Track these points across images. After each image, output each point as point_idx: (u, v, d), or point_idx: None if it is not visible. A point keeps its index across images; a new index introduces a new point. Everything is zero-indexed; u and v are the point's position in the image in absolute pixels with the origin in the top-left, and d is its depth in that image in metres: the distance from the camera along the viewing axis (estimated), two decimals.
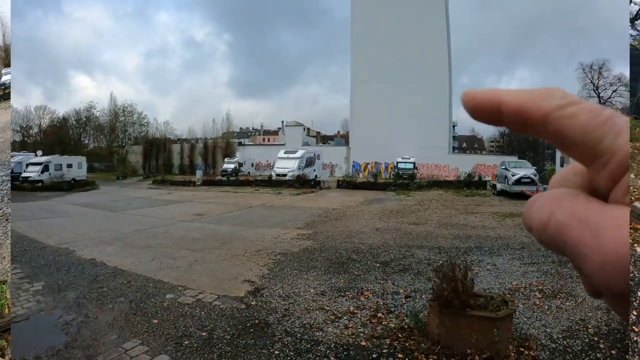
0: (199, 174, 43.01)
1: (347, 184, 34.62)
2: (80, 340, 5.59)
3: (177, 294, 7.52)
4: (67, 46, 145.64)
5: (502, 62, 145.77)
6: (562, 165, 28.66)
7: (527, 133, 0.40)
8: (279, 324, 6.26)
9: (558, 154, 30.27)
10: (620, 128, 0.34)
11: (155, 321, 6.26)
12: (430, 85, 55.56)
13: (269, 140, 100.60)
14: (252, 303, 7.13)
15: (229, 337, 5.78)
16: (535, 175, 27.09)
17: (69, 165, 39.12)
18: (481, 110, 0.39)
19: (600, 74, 65.36)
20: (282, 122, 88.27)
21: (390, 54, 56.45)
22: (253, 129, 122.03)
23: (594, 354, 5.63)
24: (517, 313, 6.67)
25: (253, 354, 5.30)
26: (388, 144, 52.54)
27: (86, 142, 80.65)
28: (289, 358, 5.25)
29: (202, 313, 6.63)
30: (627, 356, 5.63)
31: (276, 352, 5.38)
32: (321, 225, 15.41)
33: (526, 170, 27.63)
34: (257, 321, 6.34)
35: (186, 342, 5.57)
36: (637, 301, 6.58)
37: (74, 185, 35.40)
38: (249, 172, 51.94)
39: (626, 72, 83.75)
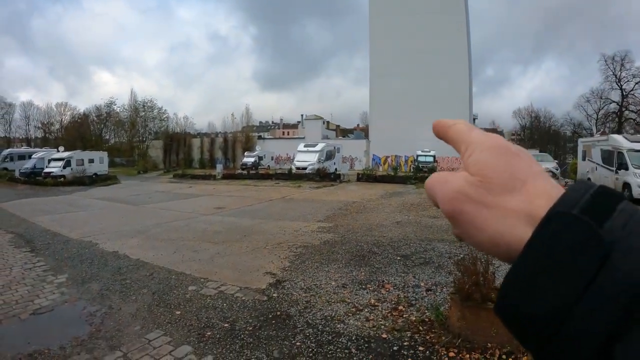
0: (219, 167, 43.18)
1: (367, 177, 34.64)
2: (104, 331, 5.66)
3: (199, 286, 7.58)
4: (88, 42, 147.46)
5: (528, 53, 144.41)
6: (583, 159, 28.30)
7: (446, 141, 0.60)
8: (301, 316, 6.27)
9: (580, 148, 29.92)
10: (472, 132, 0.55)
11: (178, 312, 6.31)
12: (450, 78, 55.25)
13: (288, 134, 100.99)
14: (274, 295, 7.16)
15: (250, 328, 5.80)
16: (557, 169, 26.76)
17: (91, 161, 39.71)
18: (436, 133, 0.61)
19: (622, 65, 64.65)
20: (302, 115, 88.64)
21: (409, 46, 56.21)
22: (273, 122, 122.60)
23: None
24: None
25: (275, 345, 5.32)
26: (408, 137, 52.30)
27: (107, 137, 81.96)
28: (310, 349, 5.25)
29: (224, 305, 6.67)
30: None
31: (297, 343, 5.40)
32: (342, 218, 15.39)
33: (548, 163, 27.30)
34: (278, 313, 6.36)
35: (208, 333, 5.61)
36: None
37: (96, 180, 35.89)
38: (268, 166, 52.22)
39: None
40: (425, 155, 43.42)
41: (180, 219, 15.28)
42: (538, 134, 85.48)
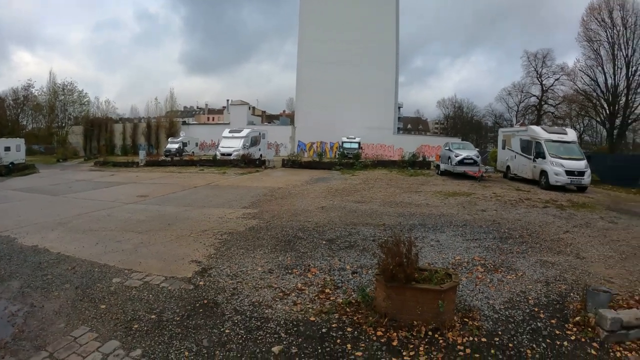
0: (142, 154, 41.85)
1: (293, 163, 34.58)
2: (27, 331, 5.42)
3: (123, 278, 7.38)
4: (7, 18, 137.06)
5: (459, 46, 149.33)
6: (503, 148, 29.76)
7: None
8: (228, 303, 6.28)
9: (500, 138, 31.39)
10: None
11: (103, 306, 6.13)
12: (377, 67, 56.04)
13: (213, 119, 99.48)
14: (200, 283, 7.11)
15: (178, 318, 5.75)
16: (478, 157, 27.90)
17: (7, 148, 37.42)
18: None
19: (544, 62, 69.02)
20: (227, 100, 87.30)
21: (338, 34, 56.30)
22: (198, 107, 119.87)
23: (534, 323, 5.92)
24: (460, 286, 6.91)
25: (204, 334, 5.31)
26: (333, 124, 52.71)
27: (24, 123, 76.94)
28: (239, 336, 5.28)
29: (150, 296, 6.55)
30: (566, 325, 5.94)
31: (227, 331, 5.42)
32: (267, 205, 15.41)
33: (469, 151, 28.38)
34: (206, 301, 6.34)
35: (136, 326, 5.50)
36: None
37: (13, 169, 33.86)
38: (193, 152, 51.19)
39: (570, 62, 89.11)
40: (351, 142, 44.03)
41: (102, 209, 14.74)
42: (461, 123, 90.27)
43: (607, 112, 56.29)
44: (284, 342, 5.18)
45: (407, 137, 67.70)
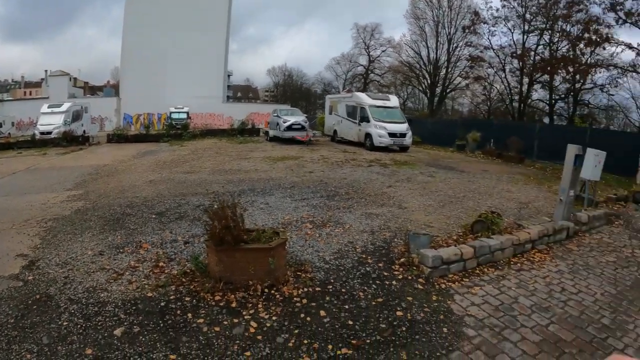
0: None
1: (119, 137, 32.72)
2: None
3: None
4: None
5: (294, 16, 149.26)
6: (330, 113, 31.32)
7: None
8: (62, 294, 6.08)
9: (327, 104, 32.87)
10: None
11: None
12: (207, 33, 54.13)
13: (31, 94, 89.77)
14: (29, 278, 6.72)
15: (12, 320, 5.41)
16: (306, 122, 29.03)
17: None
18: None
19: (372, 35, 74.35)
20: (46, 72, 78.94)
21: None
22: (13, 81, 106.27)
23: (364, 269, 6.69)
24: (290, 243, 7.45)
25: (42, 331, 5.11)
26: (161, 94, 50.60)
27: None
28: (79, 326, 5.19)
29: None
30: (392, 267, 6.77)
31: (65, 323, 5.28)
32: (92, 184, 14.72)
33: (297, 117, 29.44)
34: (38, 296, 6.05)
35: None
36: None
37: None
38: (9, 133, 45.83)
39: (397, 37, 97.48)
40: (179, 112, 42.98)
41: None
42: (290, 91, 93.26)
43: (429, 81, 64.27)
44: (125, 323, 5.21)
45: (237, 105, 67.49)
